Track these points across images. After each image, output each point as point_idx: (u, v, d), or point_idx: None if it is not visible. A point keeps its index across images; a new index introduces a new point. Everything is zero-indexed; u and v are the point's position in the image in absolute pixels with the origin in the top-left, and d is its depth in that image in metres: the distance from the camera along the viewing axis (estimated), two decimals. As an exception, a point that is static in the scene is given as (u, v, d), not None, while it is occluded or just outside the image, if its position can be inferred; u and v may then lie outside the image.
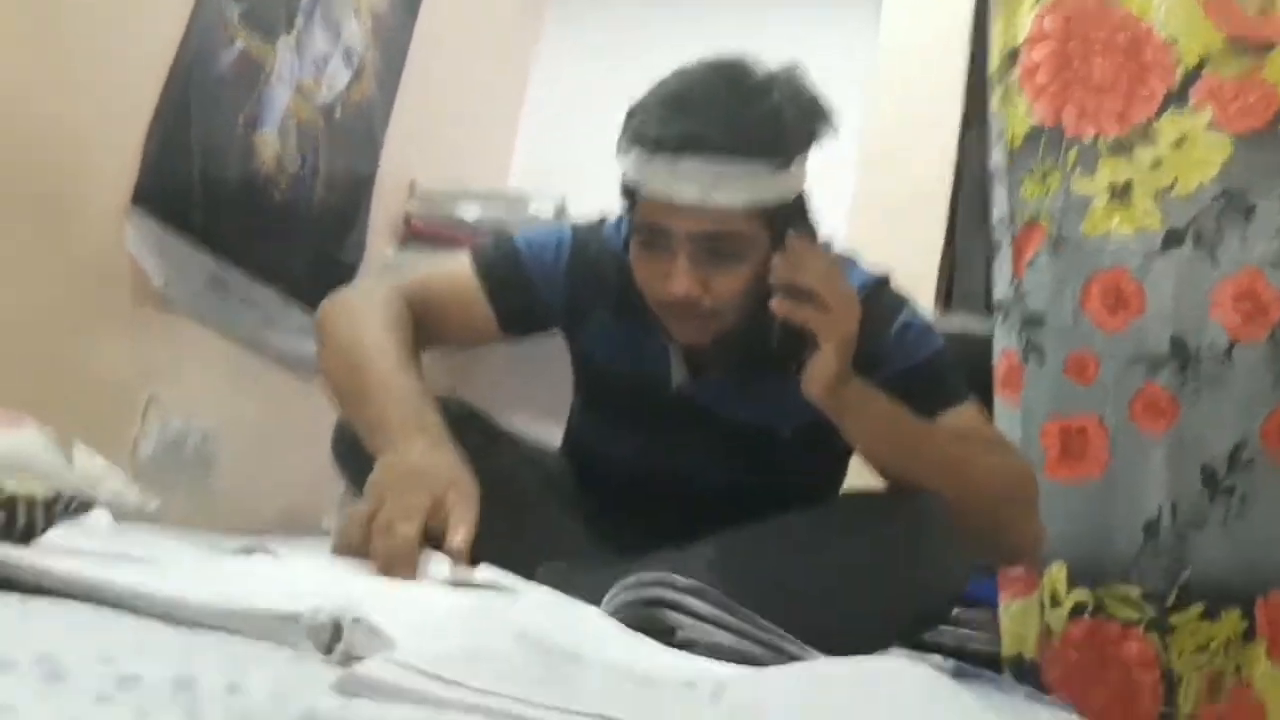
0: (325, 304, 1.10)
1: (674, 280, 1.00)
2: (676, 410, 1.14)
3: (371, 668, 0.44)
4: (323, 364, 1.05)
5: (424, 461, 0.86)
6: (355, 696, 0.43)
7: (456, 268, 1.15)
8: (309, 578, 0.70)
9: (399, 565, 0.76)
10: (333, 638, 0.52)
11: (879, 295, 1.12)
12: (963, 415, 1.08)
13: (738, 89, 0.99)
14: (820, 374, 0.98)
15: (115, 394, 1.42)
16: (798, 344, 1.00)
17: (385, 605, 0.58)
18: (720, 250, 1.00)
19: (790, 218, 1.02)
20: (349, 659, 0.51)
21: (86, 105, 1.33)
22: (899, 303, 1.14)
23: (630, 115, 1.02)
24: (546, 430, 1.37)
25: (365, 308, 1.04)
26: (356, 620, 0.52)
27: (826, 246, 1.10)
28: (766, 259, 0.99)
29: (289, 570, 0.74)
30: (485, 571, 0.77)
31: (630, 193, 1.04)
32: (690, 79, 1.01)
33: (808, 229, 1.06)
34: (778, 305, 0.96)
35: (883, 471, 1.05)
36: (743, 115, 0.97)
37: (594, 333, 1.17)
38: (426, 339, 1.09)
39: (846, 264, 1.10)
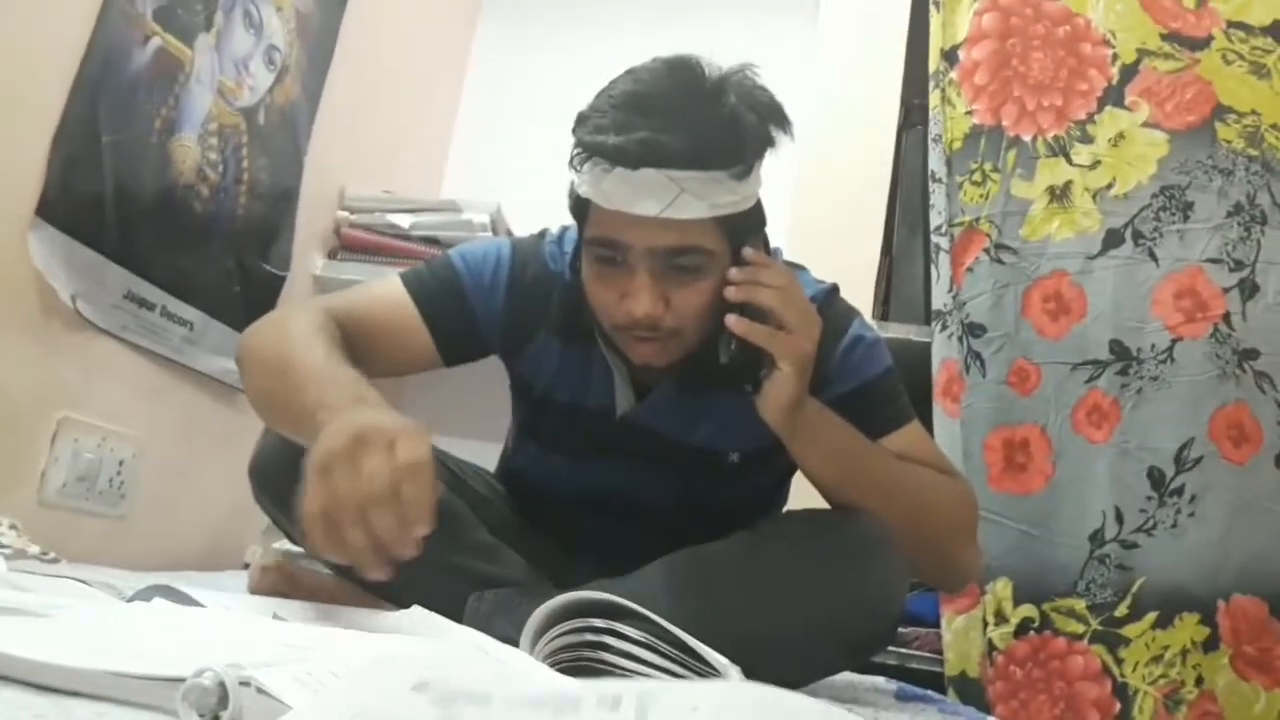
0: (245, 331, 1.01)
1: (634, 299, 0.94)
2: (621, 436, 1.09)
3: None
4: (248, 385, 0.97)
5: (368, 420, 0.73)
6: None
7: (387, 292, 1.07)
8: (207, 629, 0.65)
9: (379, 560, 0.68)
10: (219, 703, 0.48)
11: (830, 308, 1.09)
12: (907, 436, 1.06)
13: (694, 92, 0.94)
14: (778, 397, 0.94)
15: (21, 419, 1.34)
16: (749, 363, 0.95)
17: (287, 657, 0.54)
18: (682, 265, 0.94)
19: (747, 228, 0.98)
20: (235, 728, 0.47)
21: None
22: (849, 317, 1.10)
23: (582, 120, 0.96)
24: (481, 450, 1.33)
25: (289, 319, 0.97)
26: (245, 683, 0.48)
27: (776, 254, 1.07)
28: (725, 272, 0.95)
29: (187, 621, 0.68)
30: (414, 614, 0.73)
31: (581, 207, 0.98)
32: (643, 81, 0.95)
33: (762, 240, 1.02)
34: (734, 324, 0.92)
35: (828, 494, 1.02)
36: (702, 121, 0.92)
37: (534, 358, 1.11)
38: (356, 366, 0.98)
39: (796, 274, 1.06)
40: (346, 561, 0.69)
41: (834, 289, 1.12)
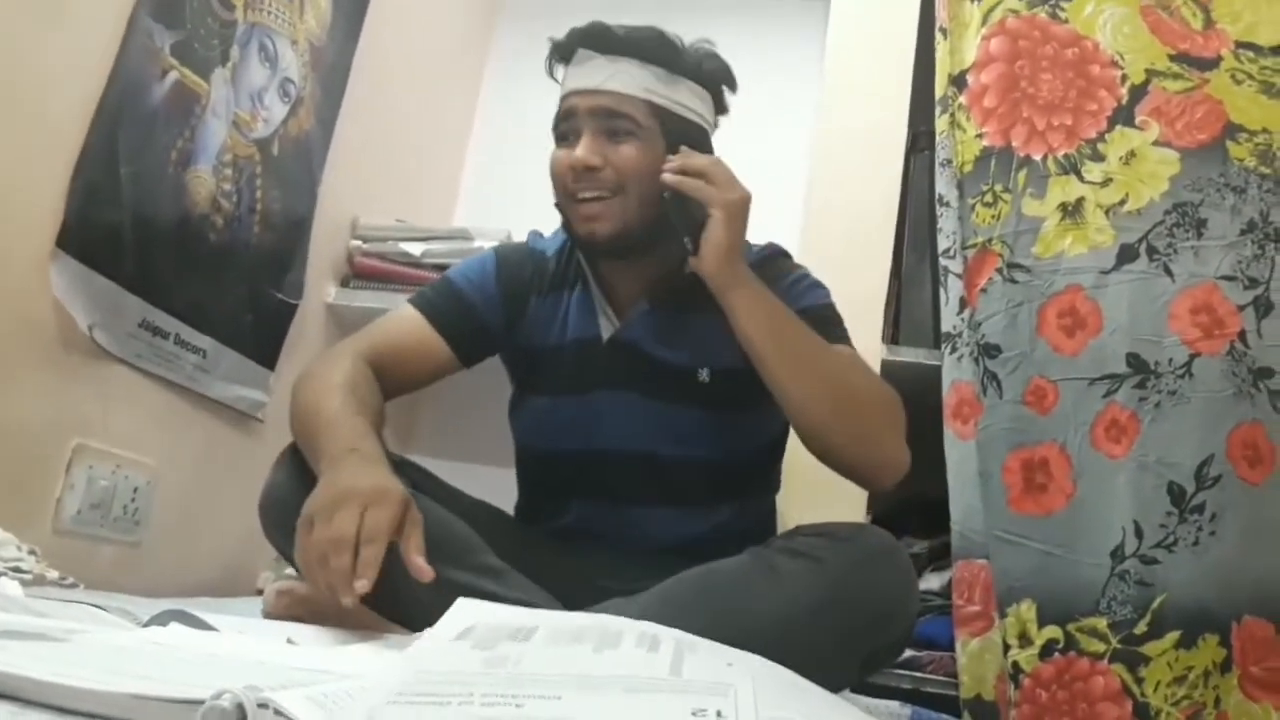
0: (300, 372, 1.18)
1: (576, 152, 1.15)
2: (604, 361, 1.23)
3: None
4: (291, 424, 1.12)
5: (350, 480, 0.91)
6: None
7: (402, 316, 1.25)
8: (223, 652, 0.65)
9: (340, 592, 0.84)
10: (237, 724, 0.48)
11: (780, 258, 1.30)
12: (844, 352, 1.18)
13: (650, 28, 1.19)
14: (711, 241, 1.10)
15: (36, 446, 1.35)
16: (690, 224, 1.13)
17: (304, 678, 0.54)
18: (617, 129, 1.16)
19: (687, 137, 1.19)
20: (254, 748, 0.46)
21: (6, 143, 1.27)
22: (799, 268, 1.30)
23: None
24: (485, 474, 1.35)
25: (325, 369, 1.14)
26: (263, 705, 0.48)
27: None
28: (661, 161, 1.15)
29: (204, 644, 0.68)
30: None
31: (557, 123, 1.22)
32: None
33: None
34: (667, 175, 1.12)
35: (767, 367, 1.10)
36: (646, 34, 1.18)
37: (530, 319, 1.27)
38: (394, 388, 1.19)
39: (748, 246, 1.22)
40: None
41: (782, 249, 1.33)
